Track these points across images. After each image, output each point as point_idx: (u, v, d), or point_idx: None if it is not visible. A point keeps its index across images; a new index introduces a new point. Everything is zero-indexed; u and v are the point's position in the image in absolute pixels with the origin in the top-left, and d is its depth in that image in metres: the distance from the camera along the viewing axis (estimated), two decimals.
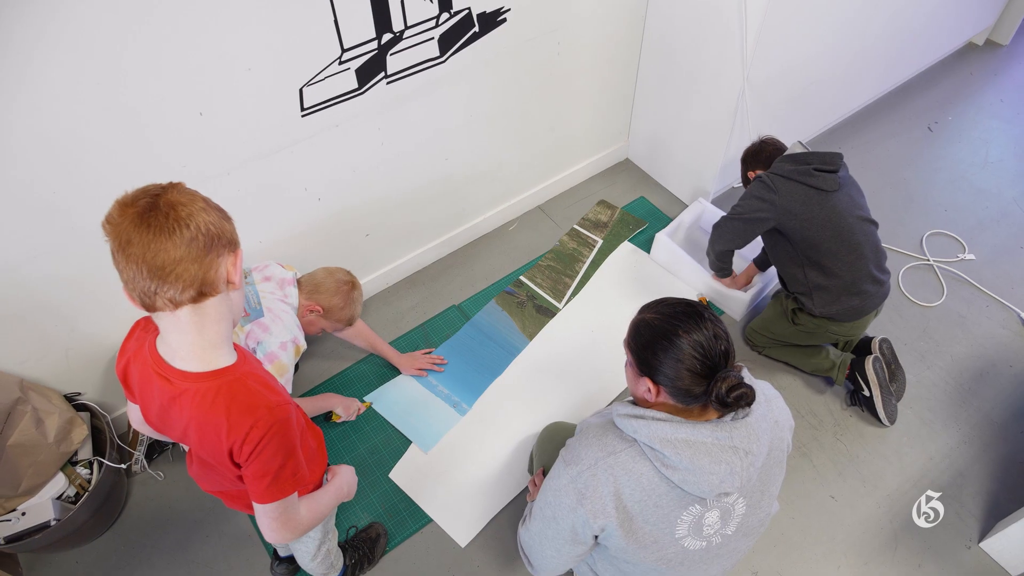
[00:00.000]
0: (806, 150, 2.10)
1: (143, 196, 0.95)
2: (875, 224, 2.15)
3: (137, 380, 1.18)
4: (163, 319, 1.03)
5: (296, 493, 1.22)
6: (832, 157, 2.05)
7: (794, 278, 2.22)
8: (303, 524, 1.28)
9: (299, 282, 2.03)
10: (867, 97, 3.49)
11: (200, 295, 0.99)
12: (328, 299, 2.03)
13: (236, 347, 1.15)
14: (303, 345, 1.92)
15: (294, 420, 1.15)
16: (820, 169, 2.03)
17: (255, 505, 1.19)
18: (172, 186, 0.98)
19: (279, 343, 1.82)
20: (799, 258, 2.16)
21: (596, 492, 1.24)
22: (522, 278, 2.77)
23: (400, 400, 2.39)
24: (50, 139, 1.56)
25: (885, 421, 2.28)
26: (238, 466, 1.13)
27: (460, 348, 2.55)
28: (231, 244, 1.03)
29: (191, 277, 0.96)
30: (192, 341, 1.05)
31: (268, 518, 1.21)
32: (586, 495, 1.25)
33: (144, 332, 1.17)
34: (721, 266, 2.42)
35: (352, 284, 2.09)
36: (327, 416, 2.30)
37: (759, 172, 2.22)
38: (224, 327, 1.07)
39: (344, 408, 2.26)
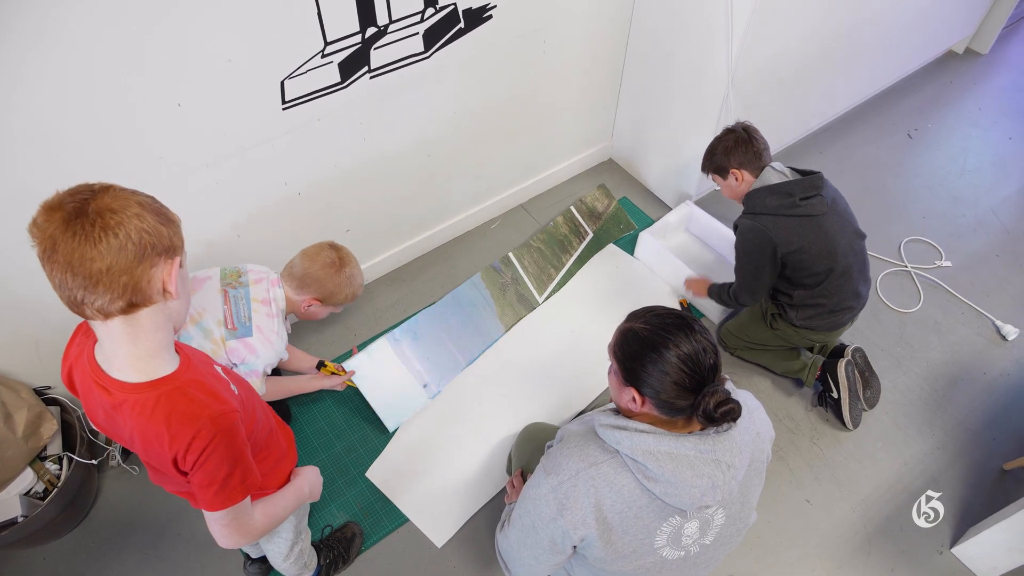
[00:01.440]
0: (783, 176, 2.05)
1: (70, 200, 0.90)
2: (864, 236, 2.14)
3: (80, 386, 1.14)
4: (97, 327, 0.99)
5: (248, 498, 1.20)
6: (813, 180, 2.00)
7: (782, 292, 2.23)
8: (257, 529, 1.25)
9: (281, 275, 1.90)
10: (850, 102, 3.51)
11: (131, 306, 0.95)
12: (321, 288, 1.89)
13: (180, 350, 1.11)
14: (285, 357, 1.91)
15: (241, 427, 1.12)
16: (805, 197, 1.99)
17: (205, 512, 1.17)
18: (104, 190, 0.93)
19: (264, 364, 1.78)
20: (789, 283, 2.17)
21: (576, 503, 1.23)
22: (510, 255, 2.76)
23: (373, 372, 2.33)
24: (21, 129, 1.51)
25: (849, 424, 2.30)
26: (185, 474, 1.10)
27: (438, 320, 2.53)
28: (169, 251, 0.98)
29: (120, 288, 0.92)
30: (127, 352, 1.01)
31: (219, 525, 1.18)
32: (566, 506, 1.23)
33: (85, 337, 1.12)
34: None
35: (340, 262, 1.91)
36: (319, 365, 2.23)
37: (741, 181, 2.10)
38: (161, 336, 1.03)
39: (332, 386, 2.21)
